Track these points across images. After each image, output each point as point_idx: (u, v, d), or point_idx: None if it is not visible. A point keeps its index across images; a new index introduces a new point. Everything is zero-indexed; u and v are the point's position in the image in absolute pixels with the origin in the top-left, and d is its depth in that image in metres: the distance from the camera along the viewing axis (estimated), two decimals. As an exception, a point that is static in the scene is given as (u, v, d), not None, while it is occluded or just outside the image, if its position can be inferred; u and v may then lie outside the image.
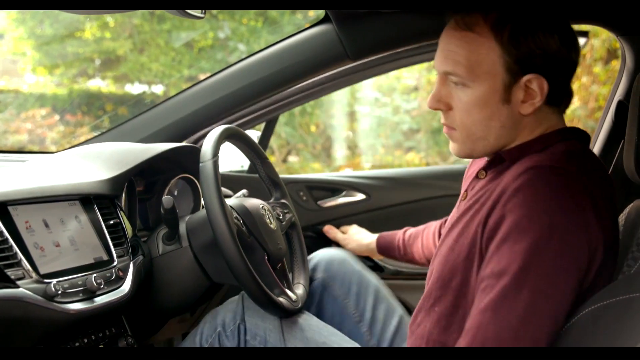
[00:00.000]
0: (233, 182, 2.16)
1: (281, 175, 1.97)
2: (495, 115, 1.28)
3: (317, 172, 6.03)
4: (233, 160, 2.40)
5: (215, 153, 1.47)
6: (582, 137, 1.34)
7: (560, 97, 1.31)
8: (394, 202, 2.59)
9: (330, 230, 2.28)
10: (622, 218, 1.45)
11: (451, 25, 1.29)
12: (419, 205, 2.60)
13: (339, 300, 1.80)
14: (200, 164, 1.45)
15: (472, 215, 1.30)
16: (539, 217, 1.14)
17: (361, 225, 2.33)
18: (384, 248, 2.04)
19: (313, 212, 2.49)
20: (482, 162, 1.45)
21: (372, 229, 2.26)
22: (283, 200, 1.81)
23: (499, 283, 1.15)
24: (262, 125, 2.42)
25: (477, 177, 1.40)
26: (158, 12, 5.46)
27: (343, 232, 2.25)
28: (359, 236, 2.16)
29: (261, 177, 1.79)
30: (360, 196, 2.57)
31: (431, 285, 1.38)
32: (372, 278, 1.84)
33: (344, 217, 2.54)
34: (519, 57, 1.25)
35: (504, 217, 1.18)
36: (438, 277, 1.35)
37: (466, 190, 1.43)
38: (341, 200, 2.58)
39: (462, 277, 1.28)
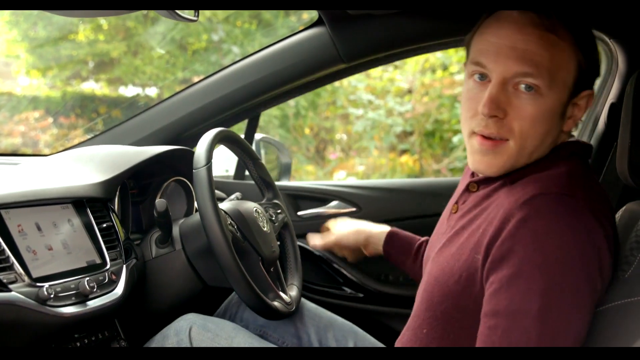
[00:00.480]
0: (218, 188, 2.14)
1: (243, 181, 1.95)
2: (552, 130, 1.18)
3: (311, 175, 6.04)
4: (217, 164, 2.32)
5: (209, 159, 1.47)
6: (584, 153, 1.27)
7: None
8: (390, 217, 2.23)
9: (311, 239, 1.89)
10: (614, 221, 1.45)
11: (527, 22, 1.15)
12: (418, 223, 2.25)
13: (277, 346, 1.61)
14: (194, 171, 1.44)
15: (468, 237, 1.21)
16: (552, 251, 1.07)
17: None
18: (397, 243, 1.73)
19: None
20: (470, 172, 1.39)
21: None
22: (275, 201, 1.81)
23: (519, 323, 1.07)
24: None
25: (467, 189, 1.31)
26: (152, 14, 5.46)
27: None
28: (349, 224, 1.83)
29: (253, 178, 1.79)
30: (348, 208, 2.32)
31: (419, 306, 1.30)
32: (308, 304, 1.69)
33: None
34: (588, 71, 1.18)
35: (512, 250, 1.09)
36: (427, 299, 1.26)
37: (457, 203, 1.33)
38: (325, 210, 2.32)
39: (453, 302, 1.21)
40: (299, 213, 2.31)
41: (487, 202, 1.24)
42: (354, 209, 2.31)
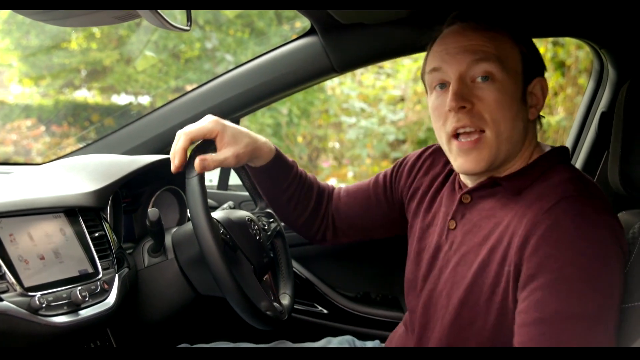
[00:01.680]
0: (210, 198, 2.12)
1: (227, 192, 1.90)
2: (519, 115, 1.25)
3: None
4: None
5: None
6: (566, 156, 1.32)
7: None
8: None
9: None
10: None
11: (468, 27, 1.26)
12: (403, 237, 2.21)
13: None
14: (186, 179, 1.44)
15: (489, 253, 1.22)
16: (590, 251, 1.09)
17: (324, 257, 2.15)
18: (279, 157, 1.58)
19: None
20: (448, 189, 1.40)
21: (337, 262, 2.15)
22: (268, 210, 1.81)
23: (576, 325, 1.08)
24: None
25: (461, 202, 1.33)
26: (145, 22, 5.46)
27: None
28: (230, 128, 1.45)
29: (246, 188, 1.79)
30: None
31: (441, 330, 1.29)
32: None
33: (299, 245, 2.17)
34: (531, 59, 1.26)
35: (549, 256, 1.11)
36: (452, 322, 1.27)
37: (453, 219, 1.34)
38: None
39: (484, 321, 1.22)
40: None
41: (496, 214, 1.26)
42: None
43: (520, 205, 1.22)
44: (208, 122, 1.42)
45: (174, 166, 1.40)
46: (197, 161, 1.37)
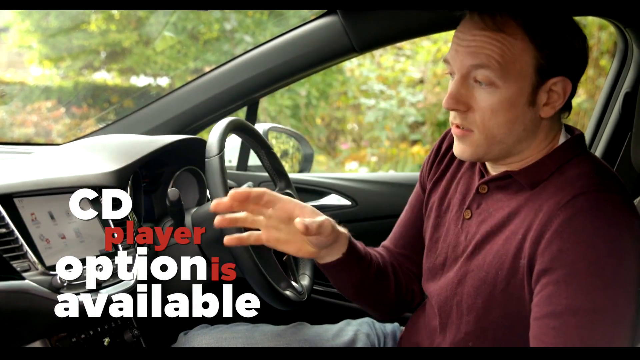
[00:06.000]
0: (229, 178, 2.12)
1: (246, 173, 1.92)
2: (519, 118, 1.22)
3: (323, 165, 6.03)
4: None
5: (221, 148, 1.46)
6: (583, 144, 1.29)
7: (571, 101, 1.27)
8: (388, 213, 2.16)
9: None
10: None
11: (477, 25, 1.21)
12: None
13: None
14: (207, 160, 1.44)
15: (504, 243, 1.22)
16: (604, 247, 1.09)
17: None
18: (354, 249, 1.44)
19: None
20: (466, 174, 1.39)
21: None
22: (288, 190, 1.81)
23: (586, 320, 1.08)
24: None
25: (477, 192, 1.33)
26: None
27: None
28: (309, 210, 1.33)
29: (265, 168, 1.79)
30: (343, 201, 2.25)
31: (458, 318, 1.30)
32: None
33: None
34: (550, 59, 1.21)
35: (562, 249, 1.11)
36: (469, 310, 1.27)
37: (469, 208, 1.34)
38: (313, 202, 2.22)
39: (501, 311, 1.22)
40: None
41: (510, 204, 1.25)
42: (349, 203, 2.26)
43: (536, 199, 1.21)
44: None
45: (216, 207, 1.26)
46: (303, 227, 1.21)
